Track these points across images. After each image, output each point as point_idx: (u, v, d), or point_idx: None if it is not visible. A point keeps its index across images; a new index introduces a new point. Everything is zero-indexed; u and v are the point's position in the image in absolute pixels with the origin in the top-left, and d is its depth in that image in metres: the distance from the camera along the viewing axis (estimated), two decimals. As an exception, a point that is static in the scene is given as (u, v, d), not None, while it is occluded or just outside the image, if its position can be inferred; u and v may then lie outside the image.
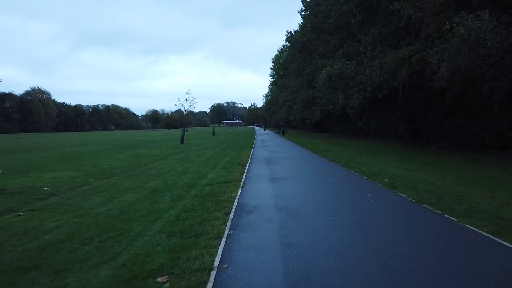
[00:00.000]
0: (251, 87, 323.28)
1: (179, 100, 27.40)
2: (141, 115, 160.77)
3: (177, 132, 66.31)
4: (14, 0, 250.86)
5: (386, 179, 7.71)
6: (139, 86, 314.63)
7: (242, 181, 7.67)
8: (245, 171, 9.50)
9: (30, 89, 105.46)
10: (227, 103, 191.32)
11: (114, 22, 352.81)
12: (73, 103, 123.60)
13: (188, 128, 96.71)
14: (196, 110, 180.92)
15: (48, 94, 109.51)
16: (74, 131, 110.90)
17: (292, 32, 40.27)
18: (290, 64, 45.58)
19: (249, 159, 13.00)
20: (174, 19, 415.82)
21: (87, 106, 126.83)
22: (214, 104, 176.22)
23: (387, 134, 24.89)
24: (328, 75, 18.59)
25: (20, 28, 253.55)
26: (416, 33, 14.49)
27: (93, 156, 17.81)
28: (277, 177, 8.24)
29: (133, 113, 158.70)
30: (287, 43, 44.19)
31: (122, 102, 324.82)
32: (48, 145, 30.16)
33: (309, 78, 34.10)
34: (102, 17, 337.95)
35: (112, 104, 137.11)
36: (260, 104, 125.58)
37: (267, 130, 57.18)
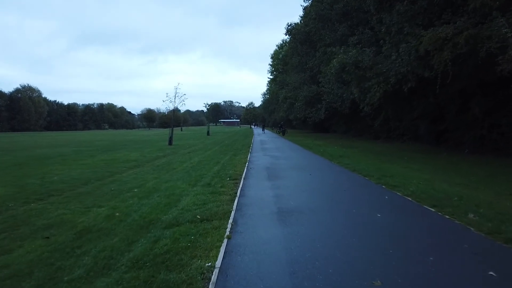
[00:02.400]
0: (249, 86, 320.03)
1: (167, 96, 23.97)
2: (138, 114, 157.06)
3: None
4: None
5: (470, 214, 4.61)
6: (137, 85, 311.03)
7: (231, 220, 4.52)
8: (238, 194, 6.36)
9: (20, 87, 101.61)
10: (225, 102, 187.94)
11: (112, 21, 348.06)
12: (70, 102, 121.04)
13: (183, 128, 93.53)
14: (193, 109, 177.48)
15: (38, 91, 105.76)
16: (66, 130, 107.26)
17: (293, 24, 37.05)
18: (290, 59, 42.38)
19: (245, 169, 9.86)
20: (173, 18, 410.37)
21: (82, 104, 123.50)
22: (212, 103, 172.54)
23: (402, 135, 21.80)
24: (341, 64, 15.46)
25: (17, 26, 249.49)
26: (457, 8, 11.43)
27: (57, 162, 14.68)
28: (289, 209, 5.08)
29: (129, 112, 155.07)
30: (287, 37, 41.02)
31: (120, 101, 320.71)
32: (22, 146, 26.91)
33: (312, 73, 31.00)
34: (100, 15, 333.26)
35: (108, 103, 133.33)
36: (258, 103, 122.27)
37: (265, 130, 54.14)
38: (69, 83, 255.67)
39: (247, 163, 11.33)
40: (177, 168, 12.11)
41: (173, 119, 26.54)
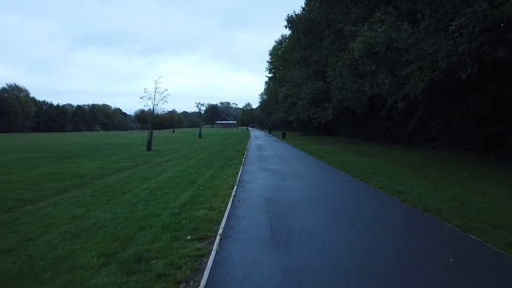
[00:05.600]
0: (249, 88, 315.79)
1: (145, 92, 19.68)
2: (134, 115, 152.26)
3: (160, 134, 58.53)
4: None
5: None
6: (137, 86, 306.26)
7: None
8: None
9: (6, 86, 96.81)
10: (221, 103, 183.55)
11: (112, 22, 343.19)
12: (70, 103, 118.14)
13: (176, 129, 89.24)
14: (190, 110, 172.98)
15: (26, 91, 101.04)
16: (56, 131, 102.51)
17: (294, 16, 32.88)
18: (290, 55, 38.22)
19: (229, 205, 5.66)
20: (173, 20, 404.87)
21: (77, 105, 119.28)
22: (208, 104, 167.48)
23: (432, 139, 17.70)
24: (366, 45, 11.36)
25: (17, 27, 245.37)
26: None
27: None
28: None
29: (125, 113, 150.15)
30: (287, 30, 36.76)
31: (119, 103, 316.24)
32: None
33: (318, 67, 26.93)
34: (101, 16, 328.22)
35: (103, 104, 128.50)
36: (256, 105, 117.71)
37: (271, 133, 45.64)
38: (69, 84, 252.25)
39: (235, 188, 7.12)
40: (129, 192, 7.94)
41: (152, 119, 22.39)
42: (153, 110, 20.30)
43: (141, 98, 19.78)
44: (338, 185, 7.60)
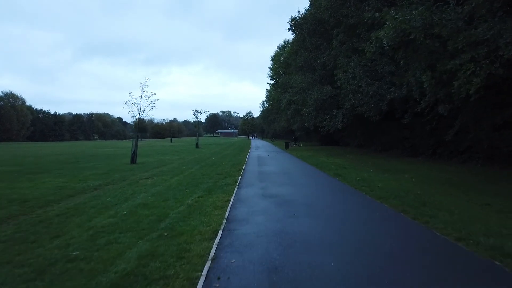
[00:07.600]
0: (250, 98, 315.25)
1: (130, 96, 17.18)
2: (133, 124, 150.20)
3: (157, 143, 55.99)
4: (17, 10, 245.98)
5: None
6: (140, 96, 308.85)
7: None
8: None
9: (1, 94, 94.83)
10: (223, 112, 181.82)
11: (117, 33, 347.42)
12: (75, 113, 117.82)
13: (174, 139, 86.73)
14: (192, 119, 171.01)
15: (22, 99, 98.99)
16: (52, 140, 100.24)
17: (297, 17, 30.60)
18: (294, 61, 35.82)
19: None
20: (178, 31, 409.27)
21: (79, 114, 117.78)
22: (209, 113, 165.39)
23: (463, 152, 14.99)
24: (398, 32, 8.77)
25: (22, 37, 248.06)
26: None
27: None
28: None
29: (125, 122, 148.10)
30: (290, 33, 34.46)
31: (120, 112, 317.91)
32: None
33: (325, 71, 24.44)
34: (105, 27, 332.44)
35: (104, 113, 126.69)
36: (257, 114, 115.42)
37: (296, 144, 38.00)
38: (72, 93, 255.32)
39: (218, 237, 4.42)
40: (64, 234, 5.29)
41: (137, 127, 19.73)
42: (138, 117, 17.63)
43: (125, 103, 17.13)
44: (385, 231, 4.82)
